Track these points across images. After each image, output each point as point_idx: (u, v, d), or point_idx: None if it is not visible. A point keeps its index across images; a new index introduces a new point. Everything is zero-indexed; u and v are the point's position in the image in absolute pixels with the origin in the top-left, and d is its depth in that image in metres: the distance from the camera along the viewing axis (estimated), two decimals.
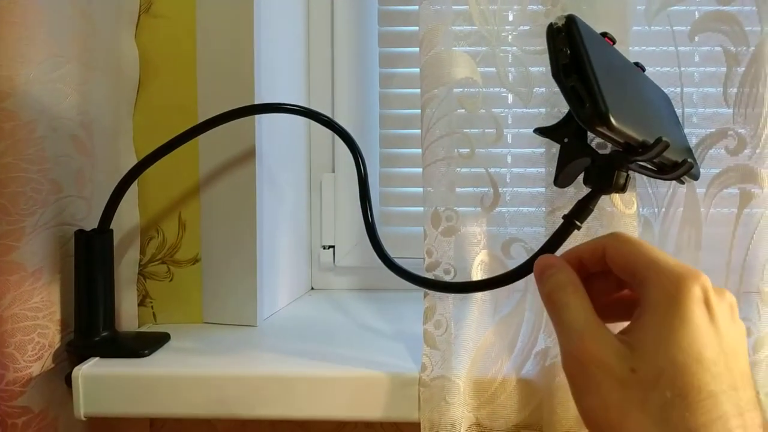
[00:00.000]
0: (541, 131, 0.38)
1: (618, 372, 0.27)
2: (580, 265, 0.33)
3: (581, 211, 0.36)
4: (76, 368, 0.46)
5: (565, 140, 0.37)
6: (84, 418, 0.46)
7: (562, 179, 0.37)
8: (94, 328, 0.49)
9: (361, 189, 0.48)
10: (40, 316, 0.48)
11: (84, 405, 0.46)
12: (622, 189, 0.35)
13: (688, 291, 0.26)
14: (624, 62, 0.38)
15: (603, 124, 0.31)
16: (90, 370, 0.46)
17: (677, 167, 0.36)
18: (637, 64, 0.41)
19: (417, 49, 0.43)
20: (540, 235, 0.43)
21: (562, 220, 0.36)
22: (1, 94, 0.44)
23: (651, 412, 0.25)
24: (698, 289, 0.27)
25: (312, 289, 0.70)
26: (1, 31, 0.44)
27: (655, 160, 0.35)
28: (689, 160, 0.36)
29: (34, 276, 0.47)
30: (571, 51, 0.32)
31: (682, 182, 0.40)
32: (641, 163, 0.36)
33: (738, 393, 0.26)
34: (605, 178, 0.35)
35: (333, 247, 0.69)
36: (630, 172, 0.36)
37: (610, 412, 0.26)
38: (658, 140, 0.32)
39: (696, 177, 0.40)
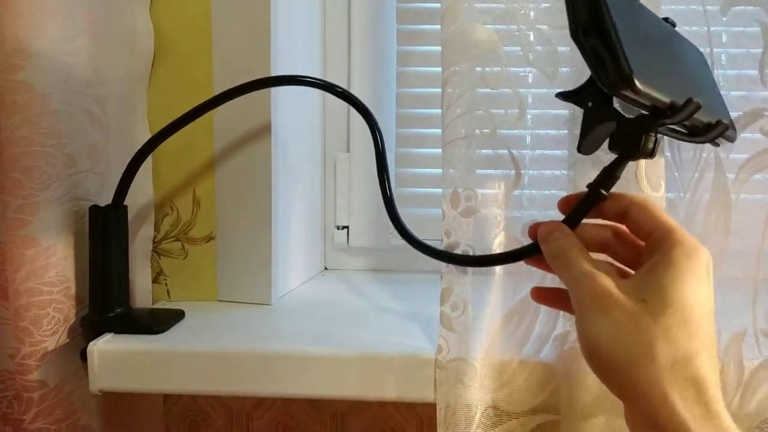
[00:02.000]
0: (563, 95, 0.36)
1: (629, 301, 0.31)
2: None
3: (607, 178, 0.34)
4: (91, 343, 0.46)
5: (589, 104, 0.35)
6: (99, 393, 0.46)
7: (586, 146, 0.36)
8: (108, 303, 0.49)
9: (379, 163, 0.47)
10: (55, 291, 0.47)
11: (99, 380, 0.46)
12: (650, 154, 0.33)
13: (702, 257, 0.31)
14: (652, 18, 0.36)
15: (627, 86, 0.29)
16: (105, 345, 0.46)
17: (711, 129, 0.34)
18: (666, 19, 0.39)
19: (436, 26, 0.42)
20: (561, 217, 0.42)
21: (587, 190, 0.35)
22: (15, 66, 0.44)
23: (658, 334, 0.30)
24: (707, 258, 0.32)
25: (325, 269, 0.70)
26: (15, 5, 0.44)
27: (686, 123, 0.33)
28: (724, 120, 0.34)
29: (48, 251, 0.47)
30: (591, 8, 0.30)
31: (717, 144, 0.38)
32: (671, 126, 0.34)
33: (712, 352, 0.31)
34: (632, 143, 0.33)
35: (347, 227, 0.69)
36: (659, 136, 0.34)
37: (620, 334, 0.30)
38: (688, 101, 0.31)
39: (732, 139, 0.38)
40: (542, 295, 0.39)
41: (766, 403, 0.41)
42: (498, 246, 0.43)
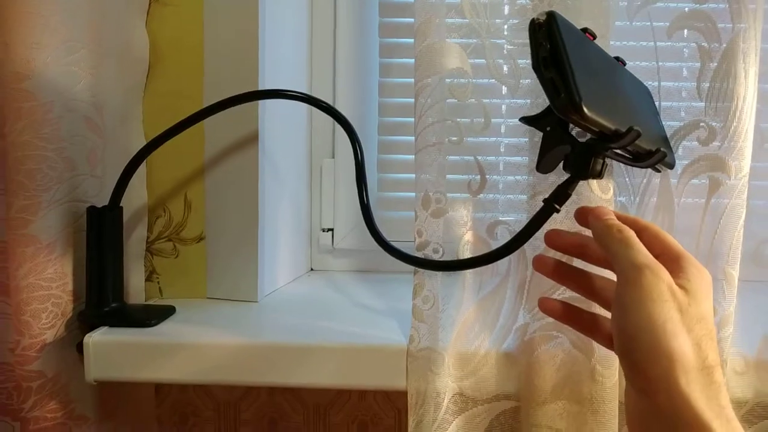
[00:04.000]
0: (525, 120, 0.40)
1: (681, 300, 0.33)
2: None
3: (560, 195, 0.39)
4: (88, 335, 0.49)
5: (548, 129, 0.39)
6: (94, 383, 0.49)
7: (543, 165, 0.40)
8: (104, 299, 0.52)
9: (358, 173, 0.51)
10: (54, 287, 0.51)
11: (94, 370, 0.49)
12: (598, 175, 0.38)
13: (710, 278, 0.36)
14: (603, 56, 0.41)
15: (576, 112, 0.33)
16: (100, 337, 0.49)
17: (651, 155, 0.39)
18: (617, 58, 0.43)
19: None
20: (522, 219, 0.46)
21: (542, 204, 0.39)
22: (20, 76, 0.47)
23: (692, 337, 0.32)
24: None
25: (311, 270, 0.73)
26: (20, 19, 0.47)
27: (629, 148, 0.38)
28: (662, 149, 0.39)
29: (48, 248, 0.50)
30: (550, 45, 0.35)
31: (658, 170, 0.43)
32: (617, 151, 0.38)
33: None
34: (583, 164, 0.38)
35: (332, 230, 0.72)
36: (607, 160, 0.38)
37: (668, 324, 0.32)
38: (630, 129, 0.35)
39: (671, 166, 0.43)
40: (551, 308, 0.42)
41: None
42: (465, 244, 0.46)
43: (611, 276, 0.40)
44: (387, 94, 0.69)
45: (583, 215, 0.40)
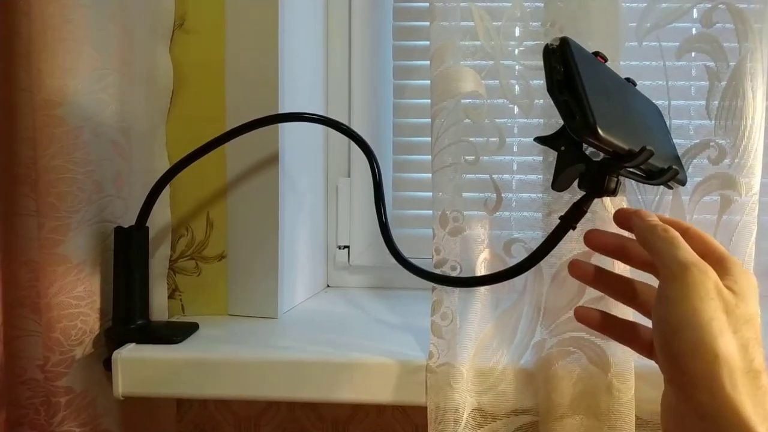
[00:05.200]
0: (540, 140, 0.42)
1: (728, 299, 0.33)
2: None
3: (576, 213, 0.40)
4: (116, 352, 0.51)
5: (562, 148, 0.41)
6: (122, 398, 0.51)
7: (558, 184, 0.41)
8: (130, 316, 0.53)
9: (376, 193, 0.52)
10: (83, 305, 0.52)
11: (122, 385, 0.50)
12: (613, 193, 0.39)
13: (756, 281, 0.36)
14: (615, 78, 0.42)
15: (591, 134, 0.34)
16: (128, 353, 0.51)
17: (663, 173, 0.40)
18: (628, 79, 0.44)
19: (428, 62, 0.47)
20: (538, 236, 0.47)
21: (558, 222, 0.40)
22: (53, 103, 0.49)
23: (738, 338, 0.32)
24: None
25: (328, 286, 0.75)
26: (54, 47, 0.49)
27: (642, 167, 0.39)
28: (674, 167, 0.40)
29: (77, 268, 0.52)
30: (564, 69, 0.36)
31: (670, 187, 0.44)
32: (631, 170, 0.40)
33: None
34: (597, 182, 0.39)
35: (348, 247, 0.74)
36: (621, 178, 0.39)
37: (714, 321, 0.31)
38: (643, 149, 0.36)
39: (683, 183, 0.44)
40: (588, 317, 0.41)
41: None
42: (482, 262, 0.48)
43: (650, 281, 0.39)
44: (401, 114, 0.71)
45: (625, 217, 0.39)
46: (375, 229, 0.72)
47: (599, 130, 0.34)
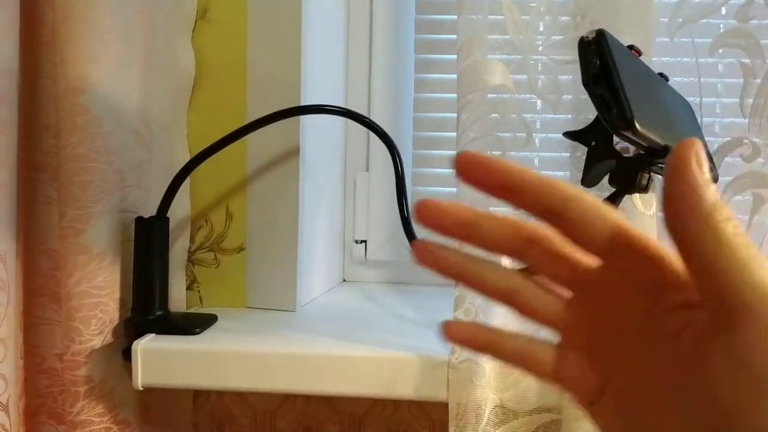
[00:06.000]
0: (570, 135, 0.41)
1: None
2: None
3: None
4: (135, 342, 0.51)
5: (593, 143, 0.40)
6: (141, 388, 0.51)
7: (588, 179, 0.41)
8: (150, 307, 0.53)
9: (398, 186, 0.52)
10: (103, 294, 0.52)
11: (142, 376, 0.50)
12: (644, 189, 0.38)
13: None
14: (649, 72, 0.41)
15: (628, 128, 0.34)
16: (148, 344, 0.51)
17: None
18: (661, 74, 0.44)
19: (450, 56, 0.47)
20: None
21: None
22: (76, 91, 0.49)
23: None
24: None
25: (344, 280, 0.74)
26: (76, 35, 0.49)
27: None
28: None
29: (98, 257, 0.51)
30: (600, 62, 0.35)
31: None
32: (663, 166, 0.39)
33: None
34: (629, 179, 0.38)
35: (365, 241, 0.73)
36: (652, 174, 0.39)
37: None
38: None
39: (715, 180, 0.43)
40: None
41: None
42: (508, 259, 0.47)
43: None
44: (422, 109, 0.70)
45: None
46: (392, 224, 0.73)
47: (636, 124, 0.34)
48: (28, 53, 0.50)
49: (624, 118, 0.33)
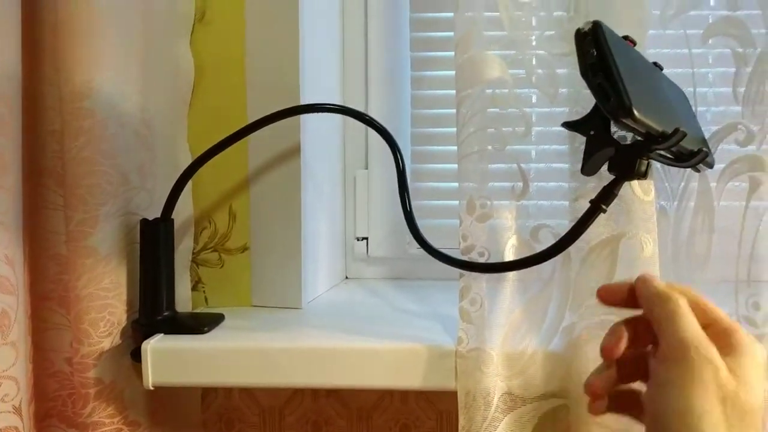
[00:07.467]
0: (568, 125, 0.42)
1: (728, 388, 0.30)
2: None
3: (607, 195, 0.40)
4: (145, 342, 0.51)
5: (591, 132, 0.41)
6: (151, 387, 0.51)
7: (588, 168, 0.42)
8: (157, 307, 0.54)
9: (400, 182, 0.52)
10: (110, 296, 0.53)
11: (153, 375, 0.51)
12: (643, 175, 0.39)
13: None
14: (644, 62, 0.42)
15: (627, 115, 0.35)
16: (157, 344, 0.51)
17: (693, 155, 0.40)
18: (655, 64, 0.45)
19: (446, 53, 0.47)
20: (565, 223, 0.47)
21: (585, 208, 0.40)
22: (81, 95, 0.50)
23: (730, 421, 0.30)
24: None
25: (346, 278, 0.75)
26: (78, 38, 0.50)
27: (673, 149, 0.39)
28: (704, 149, 0.40)
29: (105, 260, 0.52)
30: (597, 52, 0.36)
31: (698, 170, 0.44)
32: (661, 152, 0.40)
33: None
34: (628, 165, 0.39)
35: (366, 238, 0.74)
36: (650, 161, 0.40)
37: (706, 416, 0.30)
38: (676, 130, 0.36)
39: (711, 165, 0.44)
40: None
41: None
42: (510, 248, 0.48)
43: None
44: (419, 105, 0.71)
45: (609, 293, 0.38)
46: (393, 221, 0.74)
47: (635, 111, 0.35)
48: (30, 59, 0.51)
49: (623, 106, 0.35)
